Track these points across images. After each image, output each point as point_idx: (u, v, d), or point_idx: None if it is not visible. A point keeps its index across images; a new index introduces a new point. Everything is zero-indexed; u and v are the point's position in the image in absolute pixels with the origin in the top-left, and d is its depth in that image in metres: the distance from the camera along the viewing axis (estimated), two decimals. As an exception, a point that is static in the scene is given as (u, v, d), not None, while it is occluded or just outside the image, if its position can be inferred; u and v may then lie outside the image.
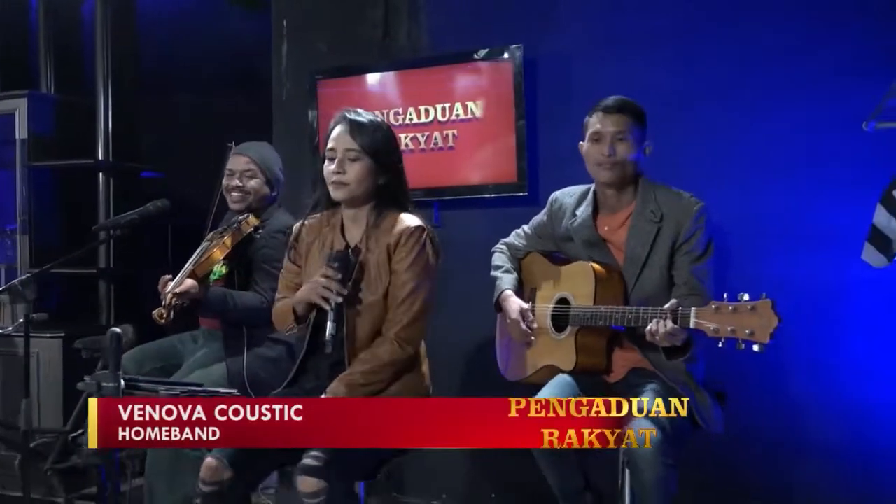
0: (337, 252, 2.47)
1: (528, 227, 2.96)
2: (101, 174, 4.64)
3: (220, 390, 2.10)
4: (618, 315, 2.51)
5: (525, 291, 2.87)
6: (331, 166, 2.48)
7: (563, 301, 2.71)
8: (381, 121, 2.55)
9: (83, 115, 4.68)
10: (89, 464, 3.51)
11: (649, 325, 2.39)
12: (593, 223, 2.71)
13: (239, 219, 3.15)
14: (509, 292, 2.80)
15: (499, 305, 2.83)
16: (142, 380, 2.09)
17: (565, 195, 2.84)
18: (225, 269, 3.17)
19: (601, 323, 2.55)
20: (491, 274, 2.90)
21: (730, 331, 2.21)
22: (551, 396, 2.41)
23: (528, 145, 3.55)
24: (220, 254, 3.06)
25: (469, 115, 3.66)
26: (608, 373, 2.67)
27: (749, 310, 2.18)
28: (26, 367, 3.15)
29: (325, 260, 2.47)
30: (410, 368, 2.51)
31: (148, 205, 3.27)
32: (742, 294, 2.21)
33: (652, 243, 2.59)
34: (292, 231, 2.69)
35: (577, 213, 2.75)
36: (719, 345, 2.24)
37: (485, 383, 3.20)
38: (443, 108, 3.71)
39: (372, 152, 2.46)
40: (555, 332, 2.70)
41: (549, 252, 2.89)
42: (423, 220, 2.52)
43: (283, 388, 2.55)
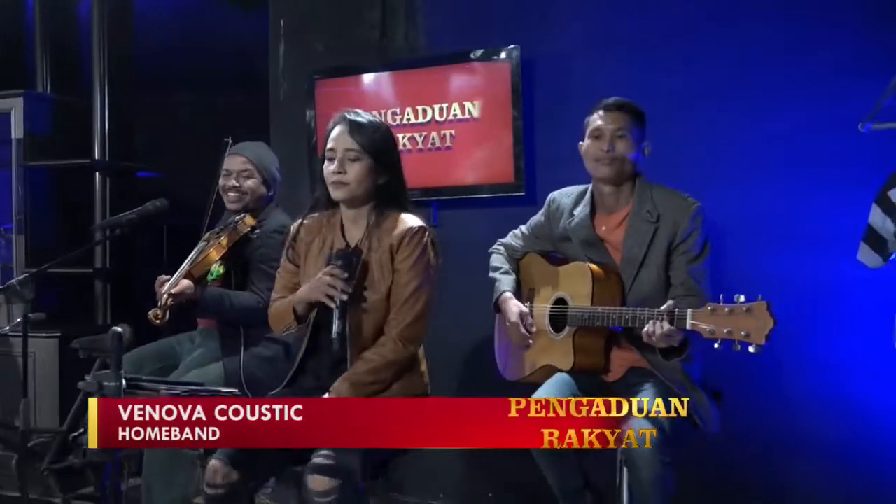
0: (340, 251, 2.46)
1: (525, 228, 2.97)
2: (98, 174, 4.64)
3: (222, 389, 2.10)
4: (615, 316, 2.51)
5: (523, 292, 2.88)
6: (331, 166, 2.48)
7: (561, 301, 2.71)
8: (381, 121, 2.56)
9: (79, 114, 4.67)
10: (89, 464, 3.52)
11: (646, 327, 2.40)
12: (591, 223, 2.71)
13: (235, 219, 3.15)
14: (509, 294, 2.81)
15: (498, 307, 2.84)
16: (143, 379, 2.09)
17: (563, 195, 2.85)
18: (222, 270, 3.16)
19: (598, 323, 2.56)
20: (490, 275, 2.90)
21: (726, 332, 2.21)
22: (550, 395, 2.43)
23: (525, 145, 3.54)
24: (216, 254, 3.05)
25: (466, 116, 3.66)
26: (606, 372, 2.67)
27: (745, 311, 2.18)
28: (25, 367, 3.14)
29: (328, 259, 2.46)
30: (409, 368, 2.51)
31: (147, 204, 3.26)
32: (738, 296, 2.21)
33: (649, 243, 2.60)
34: (289, 231, 2.69)
35: (574, 213, 2.76)
36: (715, 346, 2.24)
37: (484, 383, 3.20)
38: (440, 109, 3.70)
39: (372, 152, 2.46)
40: (553, 332, 2.71)
41: (547, 252, 2.89)
42: (423, 221, 2.53)
43: (281, 388, 2.54)
